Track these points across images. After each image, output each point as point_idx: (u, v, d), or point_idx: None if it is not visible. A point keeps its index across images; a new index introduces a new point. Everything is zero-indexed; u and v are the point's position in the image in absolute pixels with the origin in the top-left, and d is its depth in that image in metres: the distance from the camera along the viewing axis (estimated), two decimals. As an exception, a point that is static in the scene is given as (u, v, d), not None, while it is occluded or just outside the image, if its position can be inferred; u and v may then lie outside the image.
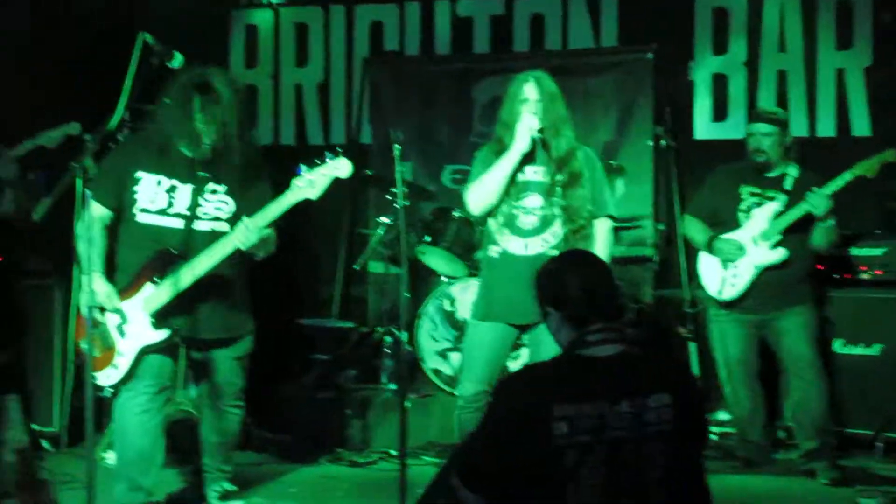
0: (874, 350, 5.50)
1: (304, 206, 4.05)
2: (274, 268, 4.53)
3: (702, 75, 6.86)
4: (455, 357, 5.81)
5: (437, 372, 5.82)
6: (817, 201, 4.89)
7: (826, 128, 6.62)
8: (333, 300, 7.21)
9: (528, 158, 4.20)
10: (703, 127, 6.88)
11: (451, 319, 5.87)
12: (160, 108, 4.04)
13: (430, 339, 5.85)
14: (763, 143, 5.12)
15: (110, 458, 4.87)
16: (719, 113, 6.84)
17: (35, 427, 5.29)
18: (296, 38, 7.49)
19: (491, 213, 4.27)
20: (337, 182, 4.03)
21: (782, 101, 6.64)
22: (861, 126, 6.56)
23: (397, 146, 4.18)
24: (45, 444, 5.35)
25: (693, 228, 5.37)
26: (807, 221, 5.01)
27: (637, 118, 6.80)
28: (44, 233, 4.09)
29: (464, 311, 5.81)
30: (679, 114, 6.81)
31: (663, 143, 6.48)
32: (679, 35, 6.84)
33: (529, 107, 4.20)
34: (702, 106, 6.87)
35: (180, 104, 3.97)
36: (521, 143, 4.14)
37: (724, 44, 6.82)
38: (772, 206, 5.10)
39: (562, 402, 2.48)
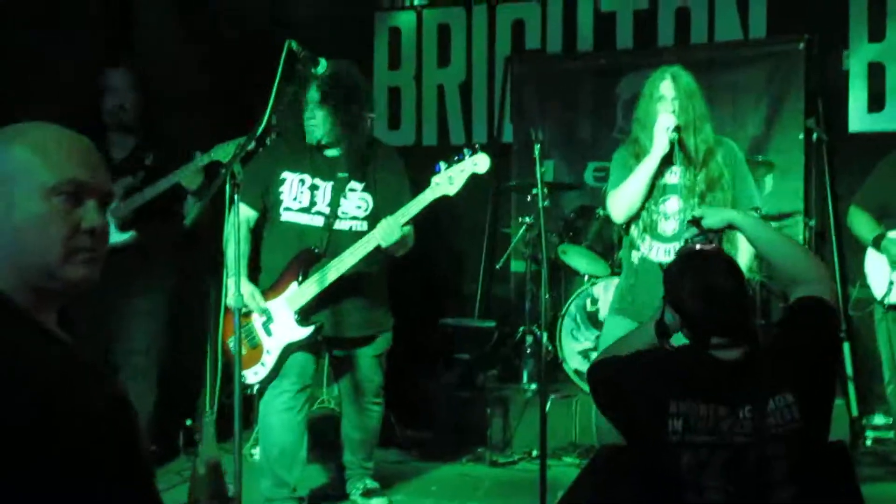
0: None
1: (447, 205, 4.07)
2: (418, 266, 4.59)
3: (857, 64, 6.55)
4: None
5: (578, 372, 5.77)
6: None
7: None
8: (476, 299, 7.24)
9: (666, 160, 4.08)
10: (859, 118, 6.56)
11: (592, 319, 5.81)
12: (288, 109, 4.11)
13: (572, 338, 5.80)
14: None
15: (257, 454, 5.04)
16: (876, 103, 6.52)
17: (188, 422, 5.52)
18: (438, 38, 7.53)
19: (633, 218, 4.18)
20: (479, 180, 4.04)
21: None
22: None
23: (537, 145, 4.13)
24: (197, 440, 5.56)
25: (860, 222, 5.06)
26: None
27: (788, 111, 6.56)
28: (198, 235, 4.24)
29: (606, 310, 5.74)
30: (832, 105, 6.54)
31: (815, 136, 6.23)
32: (832, 22, 6.55)
33: (666, 105, 4.08)
34: (857, 96, 6.56)
35: (295, 103, 4.07)
36: (659, 145, 4.02)
37: (881, 30, 6.49)
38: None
39: (678, 398, 2.44)
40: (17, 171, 1.72)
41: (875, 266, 5.00)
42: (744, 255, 4.06)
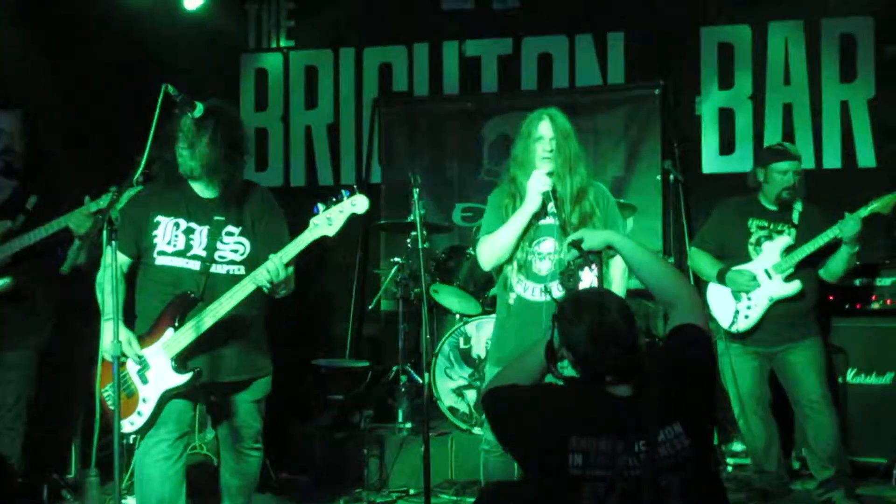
0: (886, 379, 5.54)
1: (314, 245, 4.09)
2: (287, 307, 4.59)
3: (709, 110, 6.94)
4: (471, 394, 5.84)
5: (453, 410, 5.85)
6: (851, 225, 4.92)
7: (832, 159, 6.70)
8: (346, 339, 7.26)
9: (539, 213, 4.19)
10: (711, 160, 6.95)
11: (465, 357, 5.91)
12: (164, 151, 4.08)
13: (446, 376, 5.88)
14: (795, 180, 5.18)
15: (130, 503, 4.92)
16: (726, 147, 6.91)
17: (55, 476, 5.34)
18: (305, 80, 7.59)
19: (506, 261, 4.26)
20: (348, 222, 4.07)
21: (788, 134, 6.72)
22: (866, 157, 6.64)
23: (416, 189, 4.20)
24: (65, 493, 5.38)
25: (701, 261, 5.41)
26: (817, 255, 5.06)
27: (646, 153, 6.88)
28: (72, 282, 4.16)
29: (479, 348, 5.86)
30: (687, 148, 6.90)
31: (672, 177, 6.53)
32: (685, 71, 6.94)
33: (543, 145, 4.20)
34: (709, 140, 6.94)
35: (173, 142, 4.04)
36: (531, 203, 4.14)
37: (730, 78, 6.91)
38: (784, 240, 5.16)
39: (577, 436, 2.54)
40: None
41: (718, 299, 5.31)
42: (617, 286, 4.22)
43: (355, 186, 4.12)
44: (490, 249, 4.24)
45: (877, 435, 5.49)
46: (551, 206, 4.15)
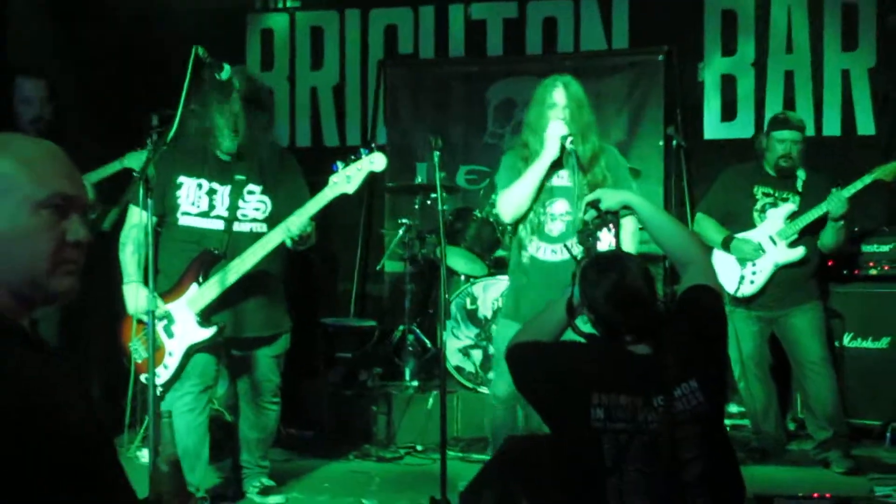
0: (882, 343, 5.67)
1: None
2: (293, 267, 4.68)
3: (711, 76, 7.02)
4: (477, 354, 5.96)
5: (459, 369, 5.97)
6: (837, 204, 5.04)
7: (832, 127, 6.79)
8: (351, 299, 7.36)
9: (555, 165, 4.27)
10: (713, 127, 7.04)
11: (472, 317, 6.02)
12: (190, 114, 4.16)
13: (453, 336, 5.99)
14: (793, 149, 5.26)
15: (144, 455, 5.03)
16: (728, 113, 7.00)
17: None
18: (311, 41, 7.62)
19: (521, 219, 4.35)
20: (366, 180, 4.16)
21: (789, 101, 6.82)
22: (865, 125, 6.74)
23: (437, 152, 4.28)
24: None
25: (707, 227, 5.50)
26: (819, 221, 5.18)
27: (648, 119, 6.96)
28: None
29: (485, 308, 5.97)
30: (689, 114, 6.98)
31: (675, 142, 6.62)
32: (689, 37, 7.01)
33: (557, 112, 4.26)
34: (711, 106, 7.03)
35: (202, 107, 4.13)
36: (549, 150, 4.21)
37: (733, 45, 6.98)
38: (788, 207, 5.26)
39: (600, 390, 2.65)
40: (2, 185, 1.76)
41: (723, 264, 5.41)
42: (627, 248, 4.31)
43: (374, 145, 4.21)
44: (511, 201, 4.31)
45: (872, 398, 5.63)
46: (570, 143, 4.20)
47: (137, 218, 4.11)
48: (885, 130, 6.64)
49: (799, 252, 5.21)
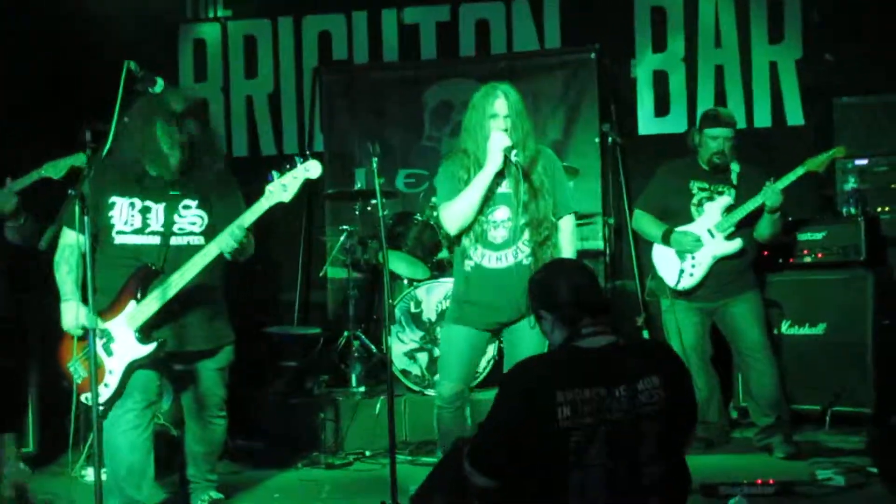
0: (819, 329, 5.79)
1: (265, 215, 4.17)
2: (234, 276, 4.66)
3: (643, 73, 7.12)
4: (422, 357, 5.98)
5: (405, 372, 5.98)
6: (772, 196, 5.14)
7: (763, 119, 6.93)
8: (293, 307, 7.33)
9: (497, 174, 4.25)
10: (647, 122, 7.14)
11: (417, 320, 6.02)
12: (124, 132, 4.12)
13: (398, 340, 5.99)
14: (725, 146, 5.35)
15: (89, 474, 4.97)
16: (661, 108, 7.11)
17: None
18: (244, 50, 7.58)
19: (465, 229, 4.33)
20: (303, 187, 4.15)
21: (720, 95, 6.94)
22: (794, 116, 6.88)
23: (375, 159, 4.29)
24: (21, 465, 5.39)
25: (645, 222, 5.59)
26: (754, 213, 5.27)
27: (583, 117, 7.04)
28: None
29: (429, 311, 5.99)
30: (623, 111, 7.08)
31: (610, 139, 6.69)
32: (620, 34, 7.11)
33: (498, 122, 4.25)
34: (644, 102, 7.13)
35: (142, 128, 4.10)
36: (493, 163, 4.20)
37: (663, 41, 7.09)
38: (724, 200, 5.36)
39: (564, 389, 2.71)
40: None
41: (663, 258, 5.51)
42: (567, 250, 4.36)
43: (308, 153, 4.20)
44: (456, 213, 4.29)
45: (811, 383, 5.74)
46: (514, 155, 4.21)
47: (71, 238, 4.08)
48: (814, 122, 6.77)
49: (736, 244, 5.31)
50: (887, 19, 6.48)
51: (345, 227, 6.38)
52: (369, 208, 6.39)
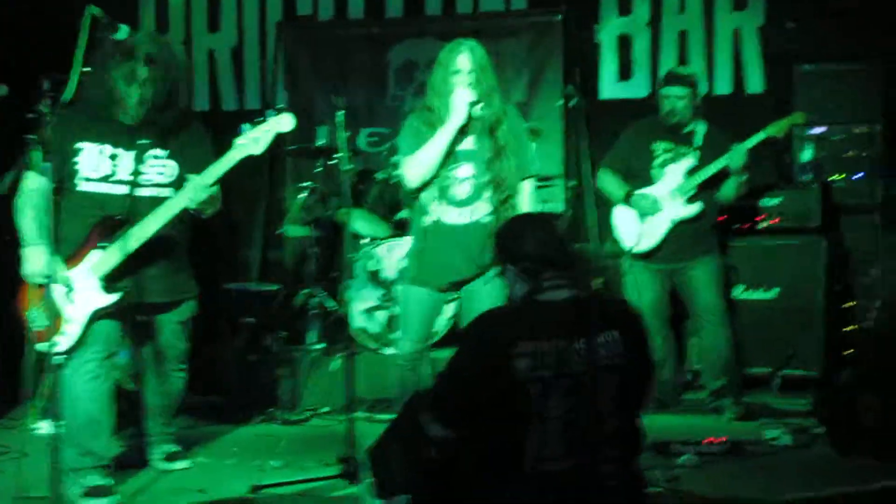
0: (772, 294, 5.89)
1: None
2: (193, 232, 4.64)
3: (607, 37, 7.14)
4: (381, 315, 6.00)
5: (363, 330, 6.00)
6: (738, 156, 5.20)
7: (723, 86, 6.99)
8: (252, 264, 7.32)
9: (461, 130, 4.27)
10: (609, 86, 7.17)
11: (376, 279, 6.04)
12: (90, 79, 4.07)
13: (357, 298, 6.00)
14: (677, 104, 5.38)
15: (43, 427, 4.95)
16: (624, 73, 7.13)
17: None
18: (207, 2, 7.49)
19: (426, 183, 4.34)
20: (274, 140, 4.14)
21: (682, 61, 6.97)
22: (755, 83, 6.94)
23: (340, 112, 4.27)
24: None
25: (609, 182, 5.61)
26: (716, 176, 5.33)
27: (548, 79, 7.06)
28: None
29: (389, 270, 6.00)
30: (587, 74, 7.09)
31: (573, 102, 6.72)
32: (586, -4, 7.10)
33: (462, 78, 4.25)
34: (607, 66, 7.15)
35: (107, 72, 4.05)
36: (457, 117, 4.21)
37: (629, 6, 7.10)
38: (686, 163, 5.39)
39: (523, 340, 2.75)
40: None
41: (624, 220, 5.55)
42: (527, 208, 4.40)
43: (281, 106, 4.18)
44: (417, 167, 4.30)
45: (762, 347, 5.85)
46: (477, 109, 4.23)
47: (34, 183, 4.02)
48: (774, 89, 6.84)
49: (695, 208, 5.36)
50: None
51: (306, 184, 6.36)
52: (331, 164, 6.36)
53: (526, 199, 4.44)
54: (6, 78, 5.42)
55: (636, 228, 5.47)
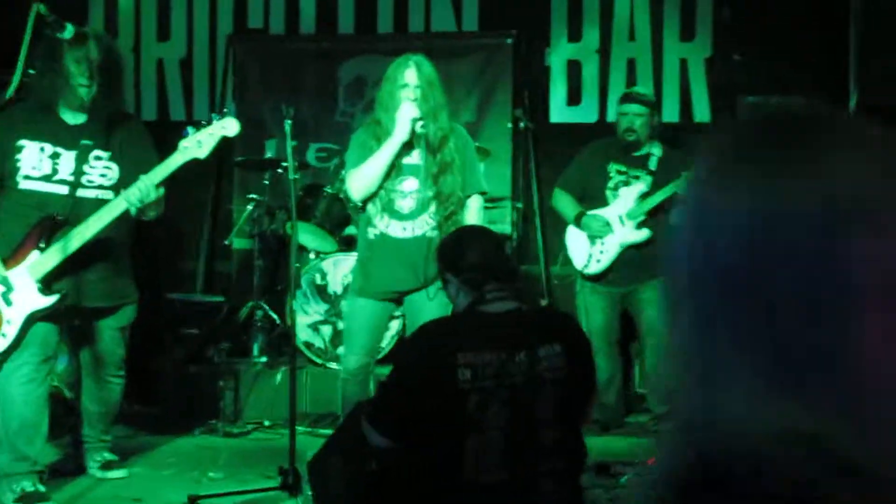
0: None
1: (166, 182, 4.11)
2: (136, 242, 4.59)
3: (557, 61, 7.20)
4: (326, 329, 5.96)
5: (308, 345, 5.95)
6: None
7: (671, 114, 7.06)
8: (197, 275, 7.23)
9: (406, 145, 4.27)
10: (559, 110, 7.22)
11: (322, 293, 6.00)
12: (34, 77, 4.01)
13: (302, 311, 5.96)
14: (635, 122, 5.44)
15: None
16: (573, 97, 7.20)
17: None
18: (157, 11, 7.43)
19: (370, 196, 4.35)
20: (219, 145, 4.11)
21: (631, 87, 7.05)
22: (702, 112, 7.05)
23: (288, 121, 4.26)
24: None
25: (563, 202, 5.63)
26: (670, 200, 5.37)
27: (497, 101, 7.09)
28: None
29: (335, 284, 5.97)
30: (536, 98, 7.15)
31: (522, 125, 6.76)
32: (537, 22, 7.16)
33: (408, 92, 4.26)
34: (557, 91, 7.21)
35: (50, 66, 4.00)
36: (400, 132, 4.21)
37: (579, 32, 7.18)
38: (638, 187, 5.43)
39: (465, 351, 2.74)
40: None
41: (576, 242, 5.58)
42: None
43: (227, 110, 4.15)
44: (361, 180, 4.31)
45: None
46: (420, 127, 4.24)
47: None
48: (720, 119, 6.95)
49: (643, 234, 5.38)
50: (793, 22, 6.69)
51: (253, 196, 6.31)
52: (278, 177, 6.32)
53: (473, 216, 4.45)
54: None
55: (586, 250, 5.50)
